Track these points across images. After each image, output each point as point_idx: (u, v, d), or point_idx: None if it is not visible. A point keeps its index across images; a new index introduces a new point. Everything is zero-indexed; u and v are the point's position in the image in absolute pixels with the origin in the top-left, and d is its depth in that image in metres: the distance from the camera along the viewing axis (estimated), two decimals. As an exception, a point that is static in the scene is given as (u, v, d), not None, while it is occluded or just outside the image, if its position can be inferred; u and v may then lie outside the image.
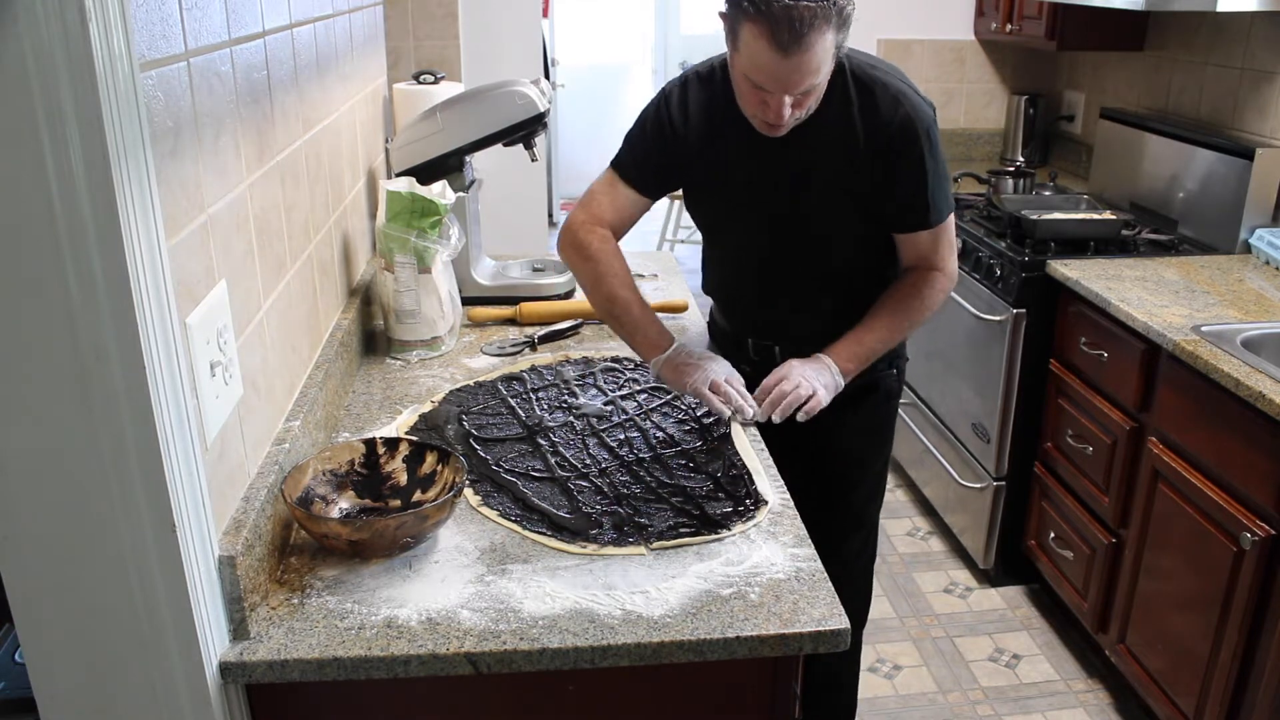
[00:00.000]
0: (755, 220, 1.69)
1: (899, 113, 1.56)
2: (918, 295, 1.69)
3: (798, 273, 1.72)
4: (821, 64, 1.42)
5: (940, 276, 1.70)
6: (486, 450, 1.50)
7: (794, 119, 1.50)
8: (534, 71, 3.22)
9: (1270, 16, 2.61)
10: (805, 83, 1.44)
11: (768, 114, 1.48)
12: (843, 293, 1.74)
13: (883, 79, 1.58)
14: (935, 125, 1.62)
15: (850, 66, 1.57)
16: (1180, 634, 2.08)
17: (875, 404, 1.85)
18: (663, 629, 1.10)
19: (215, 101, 1.10)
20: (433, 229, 1.79)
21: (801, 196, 1.64)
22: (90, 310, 0.87)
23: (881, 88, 1.57)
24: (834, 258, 1.71)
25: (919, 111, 1.58)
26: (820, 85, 1.47)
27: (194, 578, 0.99)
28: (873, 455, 1.91)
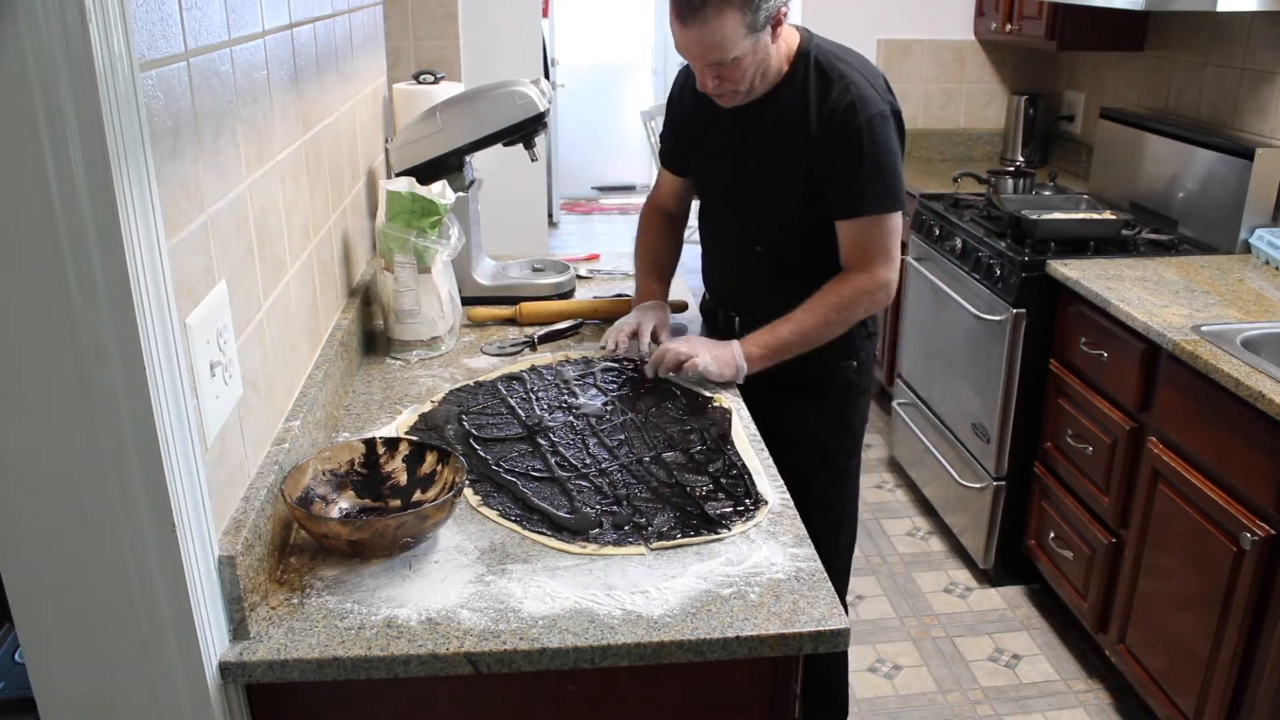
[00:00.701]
0: (722, 196, 1.87)
1: (845, 99, 1.63)
2: (835, 293, 1.71)
3: (754, 250, 1.82)
4: (726, 40, 1.54)
5: (862, 278, 1.71)
6: (486, 450, 1.50)
7: (730, 91, 1.64)
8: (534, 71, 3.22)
9: (1270, 16, 2.61)
10: (711, 55, 1.57)
11: (700, 83, 1.65)
12: (792, 276, 1.78)
13: (841, 68, 1.66)
14: (886, 121, 1.64)
15: (815, 54, 1.68)
16: (1180, 634, 2.08)
17: (834, 396, 1.88)
18: (663, 629, 1.10)
19: (215, 101, 1.10)
20: (433, 229, 1.79)
21: (755, 175, 1.77)
22: (90, 310, 0.87)
23: (838, 76, 1.65)
24: (783, 239, 1.78)
25: (865, 101, 1.63)
26: (745, 62, 1.58)
27: (194, 578, 0.99)
28: (835, 447, 1.92)
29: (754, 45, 1.58)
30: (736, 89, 1.65)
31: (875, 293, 1.73)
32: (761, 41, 1.59)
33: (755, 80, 1.65)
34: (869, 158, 1.64)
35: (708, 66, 1.61)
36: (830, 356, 1.80)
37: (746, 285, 1.90)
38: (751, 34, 1.55)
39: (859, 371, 1.90)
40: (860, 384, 1.92)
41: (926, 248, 3.11)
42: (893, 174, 1.67)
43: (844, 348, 1.82)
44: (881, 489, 3.40)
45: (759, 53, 1.60)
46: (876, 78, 1.70)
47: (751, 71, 1.62)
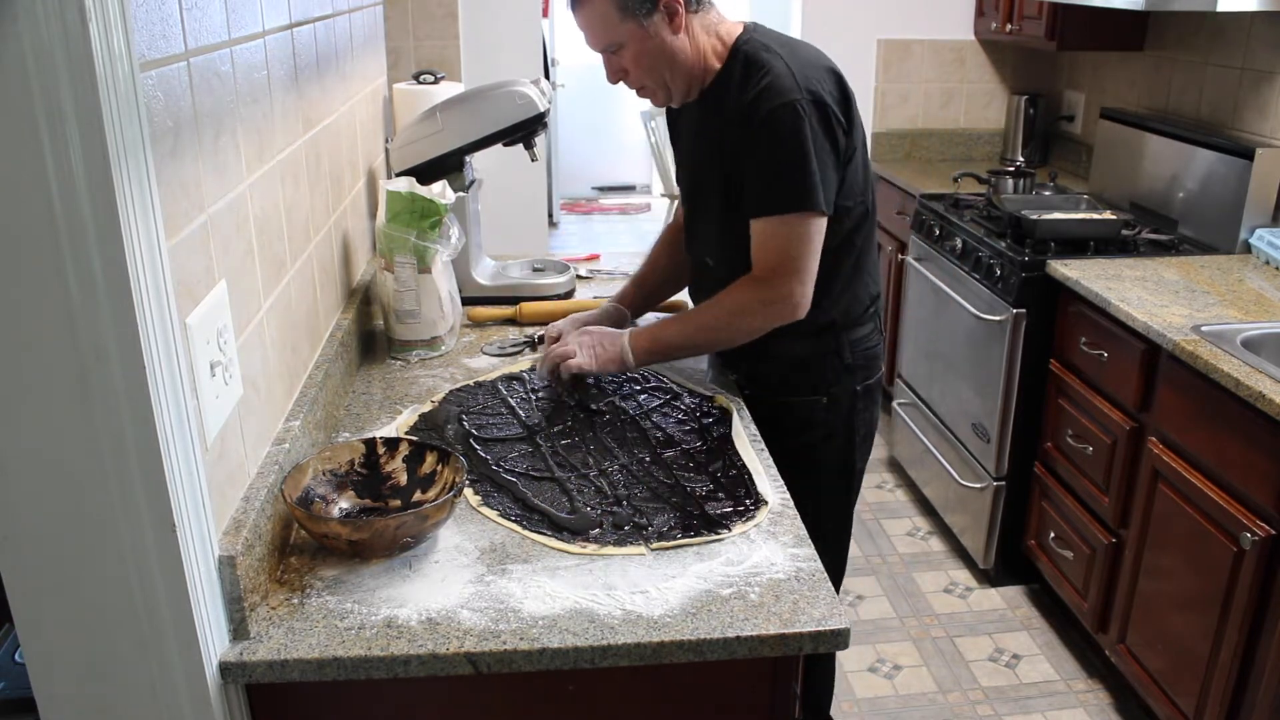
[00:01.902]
0: (685, 207, 1.82)
1: (754, 89, 1.51)
2: (731, 297, 1.58)
3: (705, 264, 1.76)
4: (600, 24, 1.51)
5: (761, 287, 1.54)
6: (486, 450, 1.50)
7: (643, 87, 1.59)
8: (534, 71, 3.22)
9: (1270, 16, 2.61)
10: (596, 42, 1.55)
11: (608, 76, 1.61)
12: (732, 275, 1.65)
13: (764, 58, 1.53)
14: (795, 111, 1.48)
15: (747, 49, 1.57)
16: (1180, 634, 2.08)
17: (792, 432, 1.68)
18: (663, 629, 1.10)
19: (215, 101, 1.10)
20: (433, 229, 1.79)
21: (695, 183, 1.73)
22: (90, 310, 0.87)
23: (756, 66, 1.53)
24: (726, 250, 1.67)
25: (775, 90, 1.49)
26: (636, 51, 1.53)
27: (194, 578, 0.99)
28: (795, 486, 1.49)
29: (639, 32, 1.50)
30: (643, 83, 1.58)
31: (774, 305, 1.54)
32: (650, 28, 1.50)
33: (665, 74, 1.56)
34: (771, 151, 1.50)
35: (606, 56, 1.57)
36: (795, 390, 1.67)
37: (696, 288, 1.83)
38: (628, 18, 1.49)
39: (830, 410, 1.70)
40: (831, 425, 1.71)
41: (926, 248, 3.11)
42: (798, 170, 1.48)
43: (808, 381, 1.66)
44: (881, 489, 3.40)
45: (650, 41, 1.52)
46: (809, 66, 1.54)
47: (652, 63, 1.54)
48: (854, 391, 1.71)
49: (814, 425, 1.71)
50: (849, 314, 1.69)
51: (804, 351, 1.68)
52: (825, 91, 1.51)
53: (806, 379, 1.68)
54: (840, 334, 1.68)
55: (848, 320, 1.68)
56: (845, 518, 1.86)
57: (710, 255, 1.73)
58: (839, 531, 1.87)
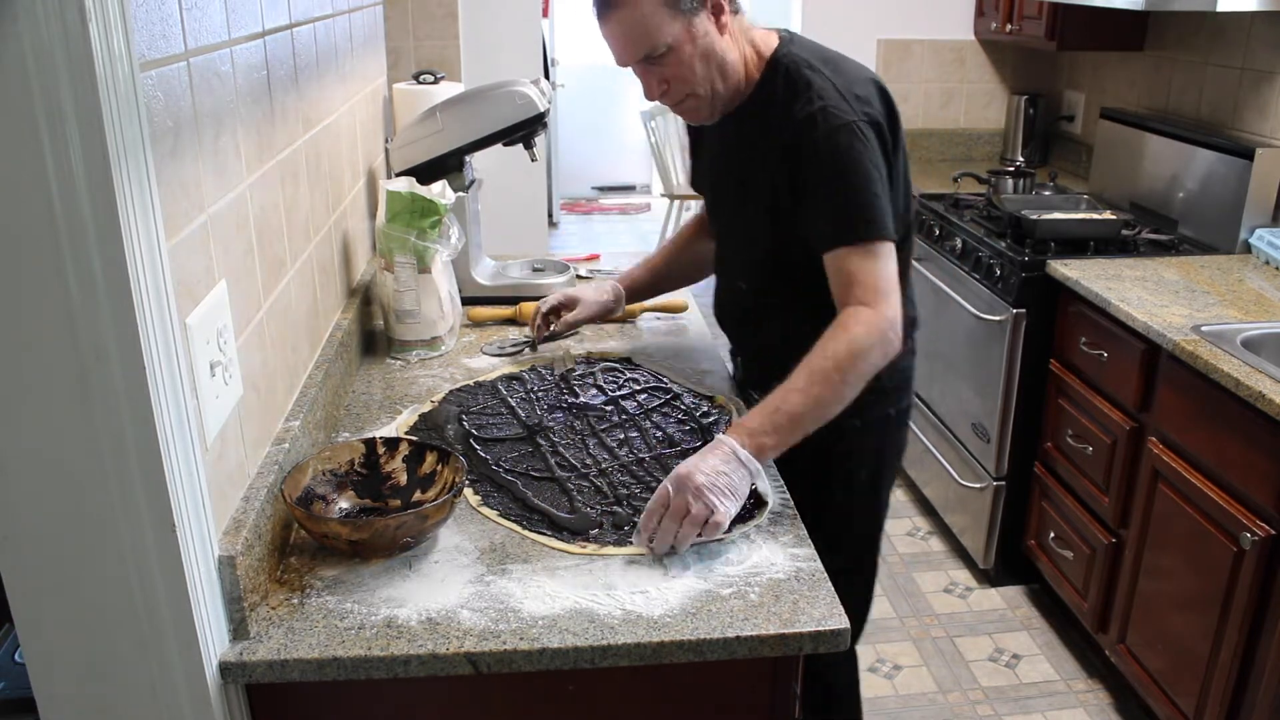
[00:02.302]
0: (714, 225, 1.73)
1: (807, 110, 1.41)
2: (836, 337, 1.37)
3: (738, 287, 1.65)
4: (646, 22, 1.36)
5: (864, 313, 1.39)
6: (486, 450, 1.50)
7: (686, 98, 1.46)
8: (534, 71, 3.22)
9: (1270, 16, 2.61)
10: (639, 48, 1.40)
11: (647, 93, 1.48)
12: (781, 317, 1.57)
13: (809, 75, 1.44)
14: (854, 134, 1.39)
15: (787, 61, 1.47)
16: (1180, 634, 2.08)
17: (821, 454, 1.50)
18: (663, 629, 1.10)
19: (215, 101, 1.10)
20: (433, 229, 1.80)
21: (729, 203, 1.61)
22: (90, 310, 0.87)
23: (804, 84, 1.43)
24: (763, 276, 1.59)
25: (830, 112, 1.40)
26: (684, 54, 1.40)
27: (194, 578, 0.99)
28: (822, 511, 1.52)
29: (688, 30, 1.38)
30: (691, 91, 1.45)
31: (886, 334, 1.39)
32: (698, 26, 1.39)
33: (715, 82, 1.45)
34: (835, 179, 1.41)
35: (645, 68, 1.43)
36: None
37: (737, 324, 1.74)
38: (677, 13, 1.37)
39: (863, 433, 1.60)
40: (864, 449, 1.64)
41: (926, 248, 3.11)
42: (866, 196, 1.40)
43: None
44: (881, 489, 3.40)
45: (699, 41, 1.40)
46: (857, 83, 1.46)
47: (701, 68, 1.42)
48: (887, 415, 1.64)
49: (845, 447, 1.60)
50: None
51: None
52: (875, 110, 1.44)
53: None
54: None
55: None
56: (872, 544, 1.77)
57: (745, 280, 1.63)
58: (865, 557, 1.77)
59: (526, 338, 1.93)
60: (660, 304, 2.08)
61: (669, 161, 5.68)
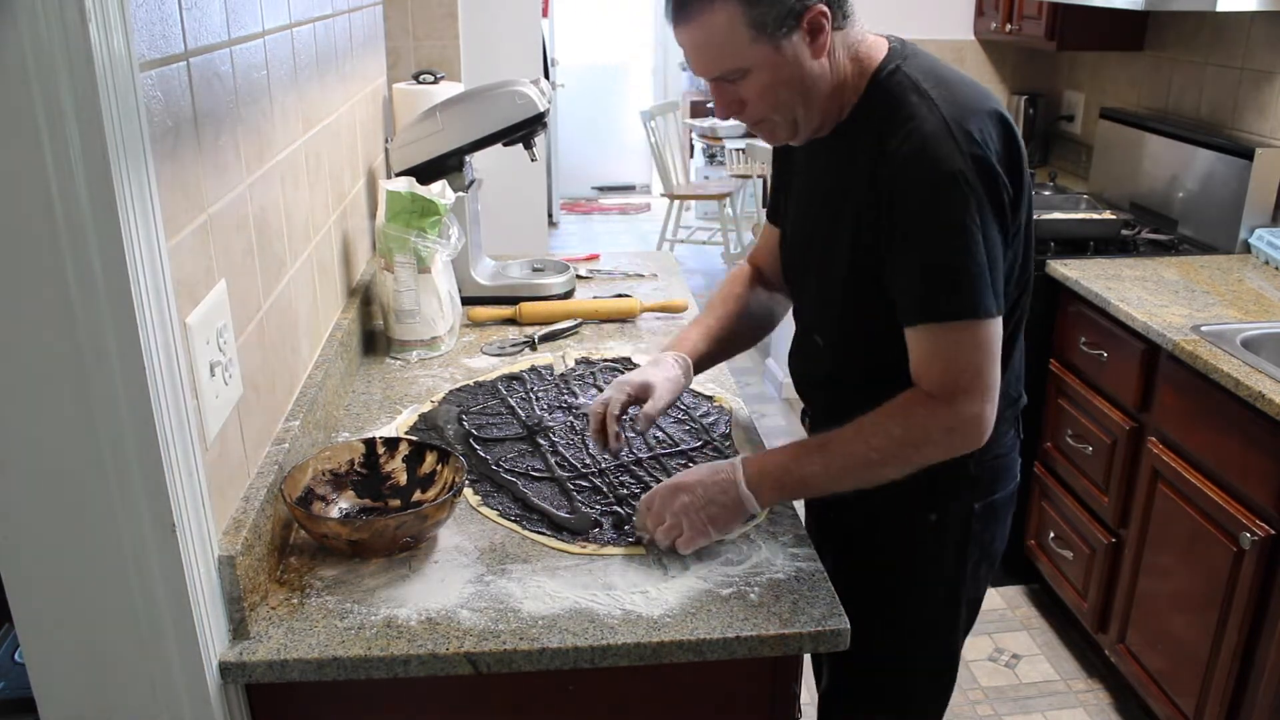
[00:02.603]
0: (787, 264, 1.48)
1: (908, 147, 1.17)
2: (895, 419, 1.21)
3: (813, 339, 1.42)
4: (722, 43, 1.17)
5: (935, 408, 1.19)
6: (486, 450, 1.50)
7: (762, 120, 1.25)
8: (534, 71, 3.22)
9: (1270, 16, 2.61)
10: (711, 65, 1.20)
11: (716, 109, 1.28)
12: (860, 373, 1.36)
13: (913, 102, 1.20)
14: (957, 186, 1.15)
15: (891, 83, 1.24)
16: (1180, 634, 2.08)
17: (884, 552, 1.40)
18: (662, 629, 1.10)
19: (215, 101, 1.10)
20: (432, 229, 1.80)
21: (810, 242, 1.37)
22: (90, 310, 0.87)
23: (907, 114, 1.19)
24: (841, 331, 1.36)
25: (929, 156, 1.16)
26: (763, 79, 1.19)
27: (194, 578, 0.99)
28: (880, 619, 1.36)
29: (773, 54, 1.17)
30: (767, 117, 1.24)
31: (960, 431, 1.20)
32: (787, 51, 1.17)
33: (799, 110, 1.23)
34: (927, 240, 1.17)
35: (717, 84, 1.23)
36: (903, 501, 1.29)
37: (808, 377, 1.48)
38: (761, 36, 1.15)
39: (940, 529, 1.36)
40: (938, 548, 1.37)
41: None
42: (964, 264, 1.15)
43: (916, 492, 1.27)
44: (881, 489, 3.40)
45: (784, 67, 1.18)
46: (972, 116, 1.18)
47: (783, 95, 1.21)
48: (972, 510, 1.36)
49: (915, 547, 1.39)
50: None
51: None
52: (991, 151, 1.17)
53: (914, 490, 1.26)
54: None
55: None
56: (946, 665, 1.49)
57: (821, 334, 1.39)
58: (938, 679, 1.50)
59: (526, 338, 1.93)
60: (660, 304, 2.08)
61: (669, 161, 5.67)
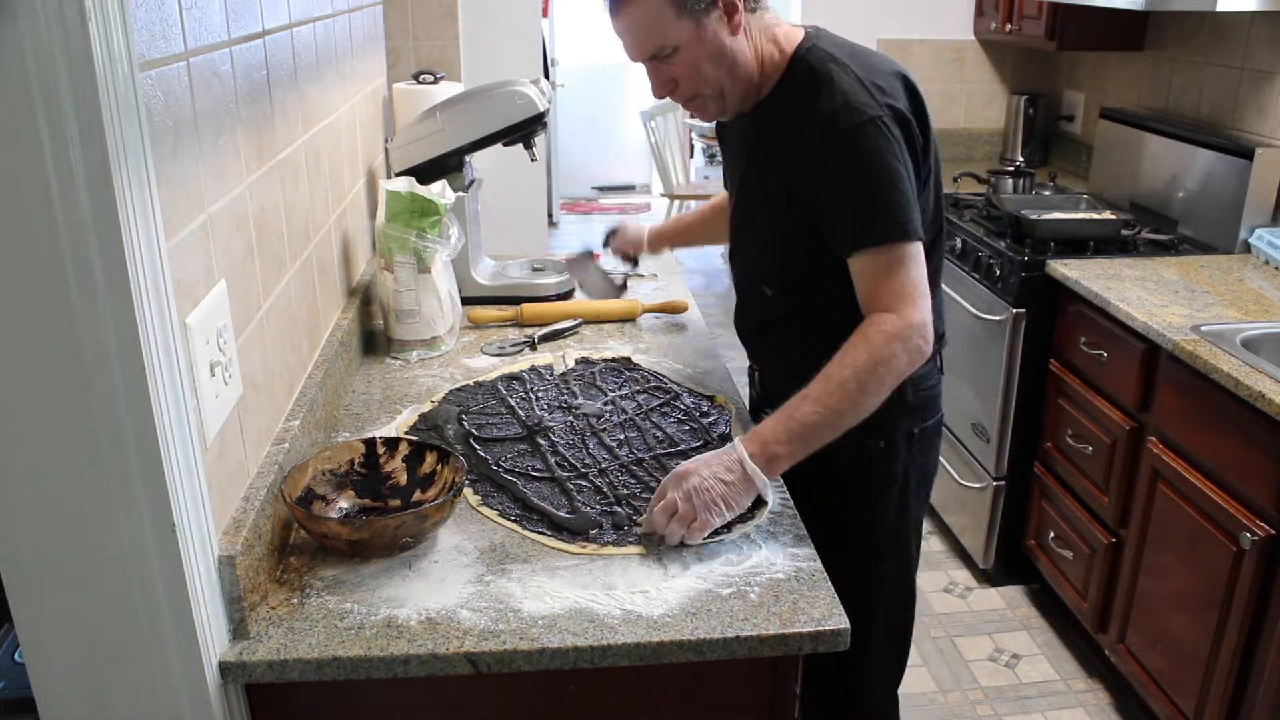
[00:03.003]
0: (733, 226, 1.65)
1: (829, 107, 1.35)
2: (858, 346, 1.32)
3: (763, 293, 1.57)
4: (654, 23, 1.34)
5: (889, 319, 1.33)
6: (486, 450, 1.50)
7: (694, 97, 1.42)
8: (534, 71, 3.22)
9: (1270, 16, 2.61)
10: (646, 46, 1.37)
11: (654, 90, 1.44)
12: (812, 328, 1.47)
13: (832, 69, 1.38)
14: (877, 129, 1.33)
15: (810, 58, 1.41)
16: (1180, 634, 2.08)
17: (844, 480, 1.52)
18: (662, 629, 1.10)
19: (215, 101, 1.10)
20: (432, 229, 1.80)
21: (752, 204, 1.54)
22: (90, 310, 0.87)
23: (827, 78, 1.37)
24: (790, 282, 1.51)
25: (852, 107, 1.34)
26: (692, 56, 1.36)
27: (194, 578, 0.99)
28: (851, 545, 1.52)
29: (697, 30, 1.34)
30: (698, 91, 1.42)
31: (913, 340, 1.34)
32: (708, 27, 1.35)
33: (724, 82, 1.40)
34: (857, 177, 1.34)
35: (654, 65, 1.40)
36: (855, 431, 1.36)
37: (758, 334, 1.65)
38: (684, 14, 1.33)
39: (887, 454, 1.53)
40: (889, 471, 1.54)
41: (926, 248, 3.10)
42: (890, 194, 1.34)
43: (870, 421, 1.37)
44: (881, 489, 3.40)
45: (708, 42, 1.36)
46: (882, 76, 1.39)
47: (709, 69, 1.38)
48: (911, 434, 1.56)
49: (869, 472, 1.54)
50: None
51: None
52: (902, 104, 1.38)
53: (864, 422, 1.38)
54: None
55: None
56: (905, 586, 1.67)
57: (769, 285, 1.56)
58: (896, 601, 1.67)
59: (526, 337, 1.93)
60: (660, 304, 2.08)
61: (669, 161, 5.67)
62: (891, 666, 1.74)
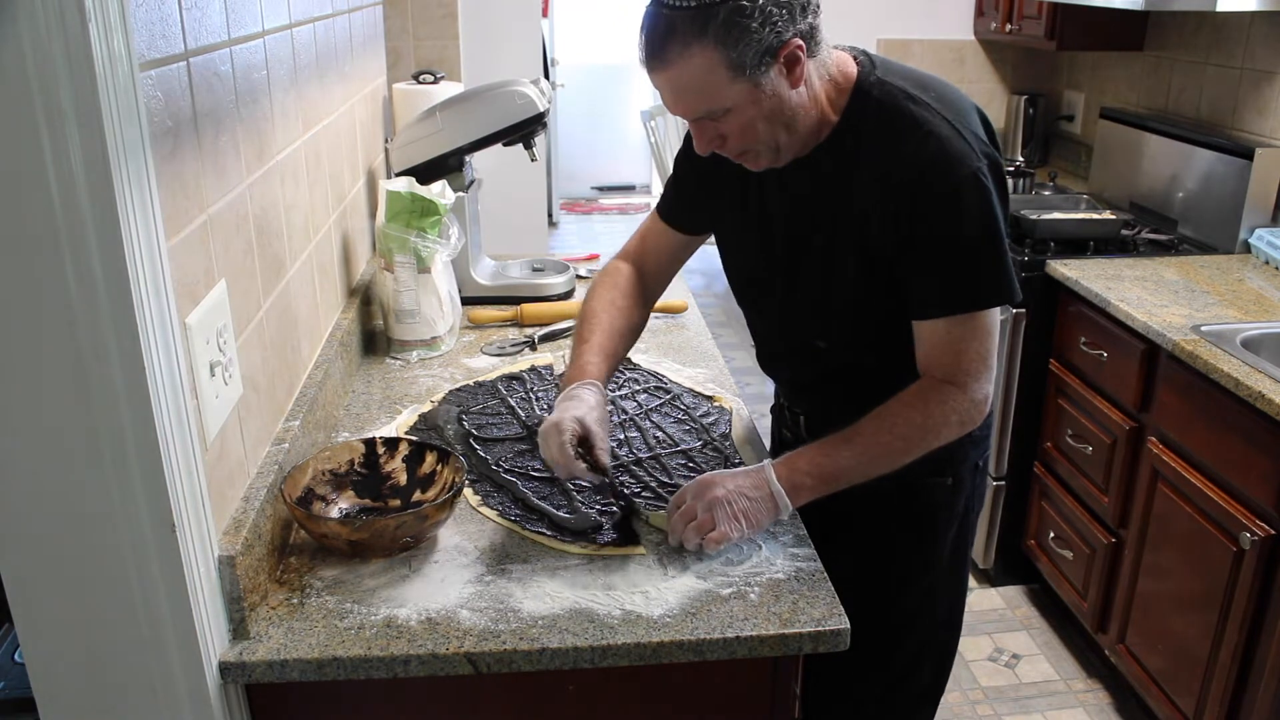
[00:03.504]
0: (759, 274, 1.46)
1: (922, 156, 1.20)
2: (915, 408, 1.27)
3: (814, 345, 1.43)
4: (702, 86, 1.16)
5: (949, 394, 1.27)
6: (486, 450, 1.50)
7: (744, 152, 1.25)
8: (534, 71, 3.22)
9: (1270, 16, 2.61)
10: (687, 107, 1.19)
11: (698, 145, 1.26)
12: (869, 378, 1.38)
13: (913, 111, 1.22)
14: (981, 184, 1.20)
15: (877, 92, 1.25)
16: (1180, 634, 2.08)
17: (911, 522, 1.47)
18: (662, 629, 1.10)
19: (215, 101, 1.10)
20: (432, 229, 1.80)
21: (800, 252, 1.37)
22: (90, 310, 0.87)
23: (910, 122, 1.22)
24: (848, 333, 1.39)
25: (951, 158, 1.20)
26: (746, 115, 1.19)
27: (194, 578, 0.99)
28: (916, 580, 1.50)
29: (753, 91, 1.16)
30: (750, 148, 1.25)
31: (966, 412, 1.28)
32: (766, 87, 1.17)
33: (779, 136, 1.23)
34: (960, 238, 1.21)
35: (697, 123, 1.22)
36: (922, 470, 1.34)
37: (810, 384, 1.53)
38: (740, 76, 1.15)
39: (954, 490, 1.46)
40: (954, 508, 1.47)
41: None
42: (994, 257, 1.22)
43: (941, 459, 1.35)
44: (881, 489, 3.40)
45: (764, 101, 1.18)
46: (966, 115, 1.24)
47: (764, 127, 1.21)
48: (976, 467, 1.49)
49: (937, 509, 1.47)
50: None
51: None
52: (990, 148, 1.25)
53: (934, 459, 1.33)
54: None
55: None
56: (958, 607, 1.61)
57: (824, 338, 1.41)
58: (951, 624, 1.61)
59: (526, 337, 1.93)
60: (660, 305, 2.08)
61: (669, 161, 5.67)
62: (935, 692, 1.68)
